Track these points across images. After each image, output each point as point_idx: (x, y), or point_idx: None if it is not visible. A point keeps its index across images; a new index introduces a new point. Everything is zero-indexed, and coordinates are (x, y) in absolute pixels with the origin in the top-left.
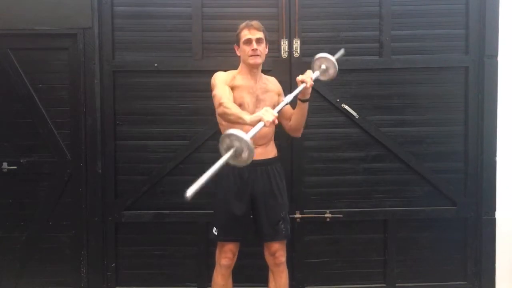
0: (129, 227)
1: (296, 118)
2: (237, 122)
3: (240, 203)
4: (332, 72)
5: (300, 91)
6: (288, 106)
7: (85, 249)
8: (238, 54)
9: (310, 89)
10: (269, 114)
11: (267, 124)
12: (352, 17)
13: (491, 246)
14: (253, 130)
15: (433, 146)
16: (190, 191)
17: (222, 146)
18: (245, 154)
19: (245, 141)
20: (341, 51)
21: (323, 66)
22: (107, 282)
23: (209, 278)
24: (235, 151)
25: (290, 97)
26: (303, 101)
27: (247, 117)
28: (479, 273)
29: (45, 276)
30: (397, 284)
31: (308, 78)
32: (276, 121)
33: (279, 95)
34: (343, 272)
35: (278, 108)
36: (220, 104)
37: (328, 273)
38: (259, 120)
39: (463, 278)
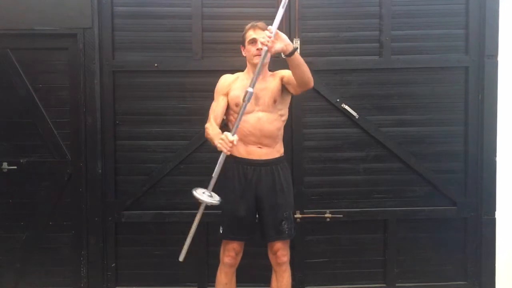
0: (129, 227)
1: (295, 73)
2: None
3: (245, 203)
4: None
5: (265, 58)
6: (285, 75)
7: (85, 249)
8: (244, 55)
9: (280, 46)
10: (224, 143)
11: (225, 152)
12: (352, 17)
13: (491, 246)
14: (218, 165)
15: (433, 146)
16: (181, 257)
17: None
18: (212, 203)
19: (203, 201)
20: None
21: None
22: (107, 282)
23: (209, 278)
24: (204, 203)
25: (250, 89)
26: (288, 56)
27: (216, 142)
28: (479, 273)
29: (45, 276)
30: (397, 284)
31: (265, 39)
32: (235, 142)
33: (282, 78)
34: (343, 272)
35: (236, 125)
36: (206, 128)
37: (328, 273)
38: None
39: (463, 278)
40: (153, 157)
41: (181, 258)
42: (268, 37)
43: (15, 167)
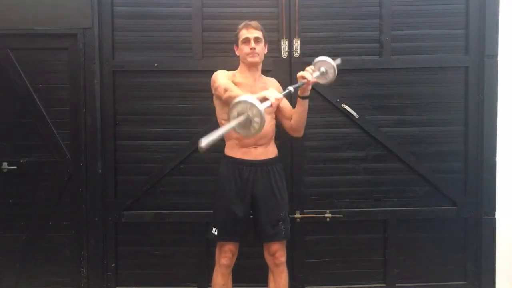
0: (129, 227)
1: (297, 117)
2: None
3: (241, 203)
4: (331, 75)
5: (300, 87)
6: (289, 105)
7: (85, 249)
8: (238, 54)
9: (310, 86)
10: (275, 94)
11: (274, 103)
12: (352, 17)
13: (491, 246)
14: (263, 105)
15: (433, 146)
16: (204, 141)
17: (233, 114)
18: (256, 124)
19: (258, 109)
20: (338, 60)
21: (323, 69)
22: (107, 282)
23: (209, 278)
24: (246, 119)
25: (292, 87)
26: (303, 98)
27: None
28: (479, 273)
29: (45, 276)
30: (397, 284)
31: (308, 74)
32: (280, 102)
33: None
34: (343, 272)
35: (283, 93)
36: (226, 90)
37: (328, 273)
38: (265, 98)
39: (463, 278)
40: (153, 157)
41: (203, 144)
42: (311, 74)
43: (15, 167)
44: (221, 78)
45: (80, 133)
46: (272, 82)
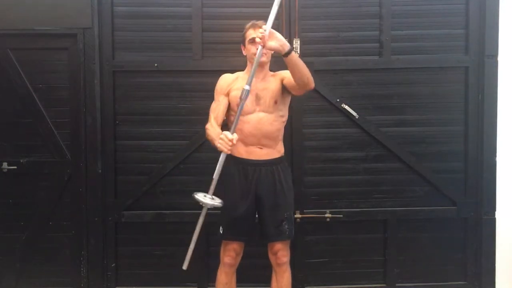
0: (129, 227)
1: (294, 74)
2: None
3: (245, 203)
4: None
5: (260, 53)
6: (286, 76)
7: (85, 249)
8: (244, 54)
9: (274, 44)
10: (224, 143)
11: (226, 152)
12: (352, 17)
13: (491, 246)
14: (218, 166)
15: (433, 146)
16: (185, 265)
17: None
18: (216, 203)
19: (205, 203)
20: None
21: None
22: (107, 282)
23: (209, 278)
24: (209, 205)
25: (247, 87)
26: (284, 55)
27: (216, 143)
28: (479, 273)
29: (45, 276)
30: (397, 284)
31: (258, 38)
32: (235, 141)
33: (282, 79)
34: (343, 272)
35: (234, 124)
36: (206, 129)
37: (328, 273)
38: (220, 150)
39: (463, 278)
40: (153, 157)
41: (184, 267)
42: (261, 34)
43: (15, 167)
44: (215, 100)
45: (80, 133)
46: (278, 73)
